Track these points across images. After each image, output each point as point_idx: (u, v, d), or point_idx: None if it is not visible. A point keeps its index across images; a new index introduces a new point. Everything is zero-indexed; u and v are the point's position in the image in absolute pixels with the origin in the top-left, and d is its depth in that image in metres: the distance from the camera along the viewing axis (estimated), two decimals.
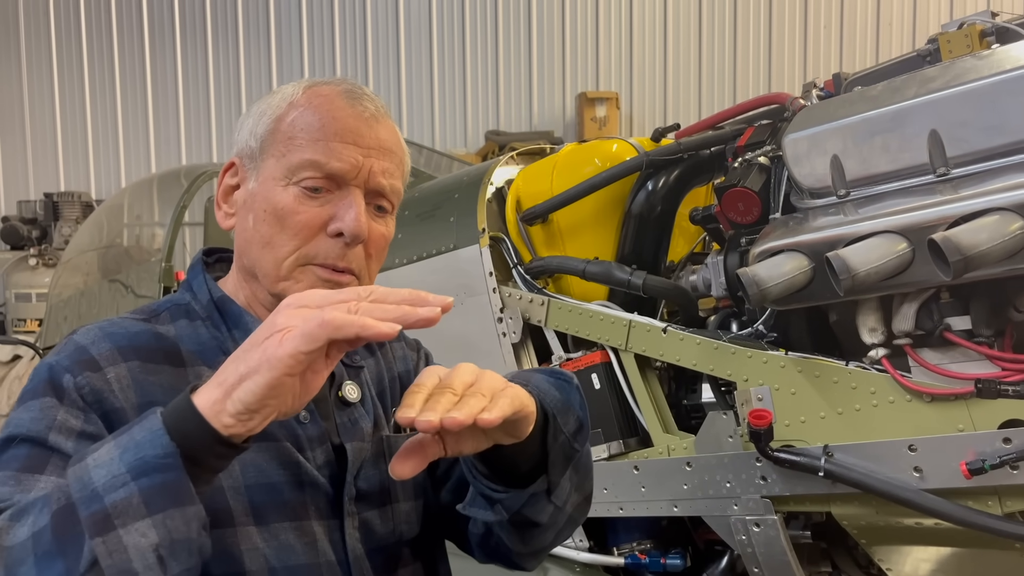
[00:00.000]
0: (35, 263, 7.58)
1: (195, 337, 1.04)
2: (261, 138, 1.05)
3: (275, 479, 1.01)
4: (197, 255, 1.15)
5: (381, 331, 0.74)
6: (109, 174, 9.07)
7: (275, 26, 9.19)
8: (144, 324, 1.04)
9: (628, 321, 1.90)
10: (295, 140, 1.02)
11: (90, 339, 0.99)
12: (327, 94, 1.05)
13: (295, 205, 1.02)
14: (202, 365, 1.02)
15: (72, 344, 0.99)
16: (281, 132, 1.04)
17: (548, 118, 9.39)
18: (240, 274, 1.09)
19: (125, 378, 0.96)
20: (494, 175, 2.24)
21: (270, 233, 1.03)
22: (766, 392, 1.66)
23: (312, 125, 1.02)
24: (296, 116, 1.04)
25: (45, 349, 4.32)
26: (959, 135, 1.45)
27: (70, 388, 0.94)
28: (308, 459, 1.03)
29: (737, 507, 1.74)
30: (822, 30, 9.79)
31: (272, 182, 1.03)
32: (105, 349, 0.98)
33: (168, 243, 3.61)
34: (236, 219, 1.08)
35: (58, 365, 0.96)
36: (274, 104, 1.06)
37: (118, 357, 0.97)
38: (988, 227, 1.32)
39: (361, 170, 1.02)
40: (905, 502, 1.50)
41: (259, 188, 1.04)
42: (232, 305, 1.07)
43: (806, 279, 1.54)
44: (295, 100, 1.05)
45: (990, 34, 1.66)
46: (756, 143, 1.87)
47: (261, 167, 1.05)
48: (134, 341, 1.00)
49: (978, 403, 1.44)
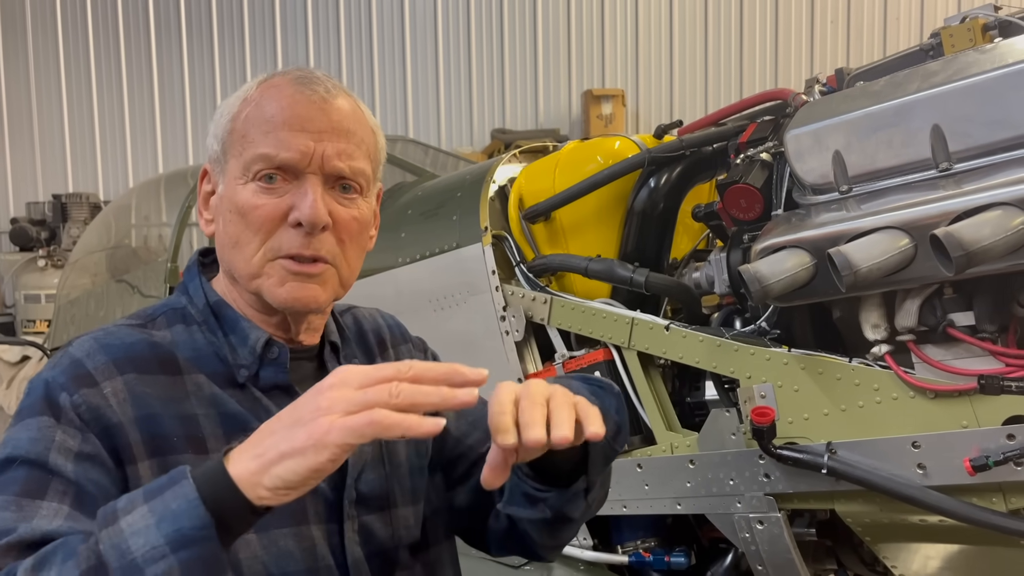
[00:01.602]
0: (44, 264, 7.62)
1: (191, 343, 1.04)
2: (222, 140, 1.05)
3: None
4: (193, 256, 1.15)
5: (426, 431, 0.77)
6: (117, 175, 9.11)
7: (280, 26, 9.20)
8: (140, 332, 1.03)
9: (631, 319, 1.90)
10: (248, 136, 1.02)
11: (85, 351, 0.98)
12: (278, 84, 1.04)
13: (254, 200, 1.01)
14: (199, 372, 1.02)
15: (68, 358, 0.98)
16: (236, 131, 1.03)
17: (554, 116, 9.38)
18: (227, 278, 1.09)
19: (122, 392, 0.96)
20: (496, 173, 2.24)
21: (236, 232, 1.03)
22: (769, 389, 1.65)
23: (262, 118, 1.02)
24: (249, 112, 1.03)
25: (53, 350, 4.35)
26: (962, 130, 1.44)
27: (67, 407, 0.93)
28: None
29: (740, 505, 1.73)
30: (829, 26, 9.75)
31: (234, 182, 1.03)
32: (101, 362, 0.97)
33: (174, 243, 3.62)
34: (214, 225, 1.08)
35: (54, 382, 0.95)
36: (231, 104, 1.06)
37: (114, 370, 0.97)
38: (991, 222, 1.32)
39: (313, 156, 1.00)
40: (909, 499, 1.49)
41: (225, 191, 1.05)
42: (227, 310, 1.07)
43: (808, 275, 1.53)
44: (248, 96, 1.05)
45: (993, 28, 1.65)
46: (758, 139, 1.86)
47: (226, 169, 1.05)
48: (130, 352, 1.00)
49: (982, 399, 1.43)
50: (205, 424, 0.99)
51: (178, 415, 0.98)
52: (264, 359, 1.04)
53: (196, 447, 0.98)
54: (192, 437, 0.98)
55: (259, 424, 0.97)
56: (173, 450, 0.96)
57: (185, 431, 0.98)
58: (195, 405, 1.00)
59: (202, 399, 1.01)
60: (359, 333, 1.22)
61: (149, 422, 0.96)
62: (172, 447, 0.96)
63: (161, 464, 0.95)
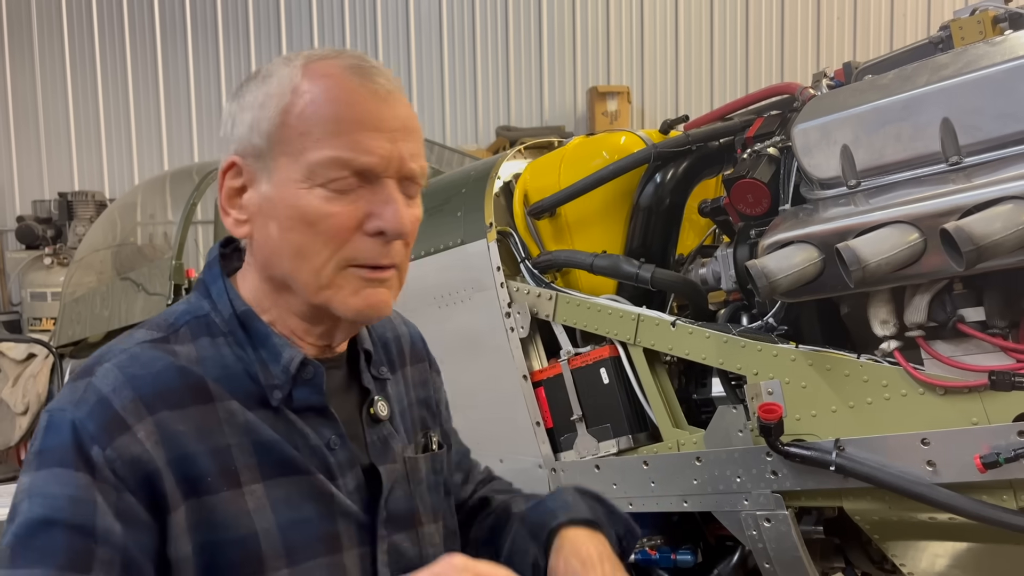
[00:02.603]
0: (50, 262, 7.63)
1: (218, 359, 0.96)
2: (267, 134, 0.94)
3: (307, 513, 0.96)
4: (214, 252, 1.05)
5: None
6: (123, 173, 9.12)
7: (286, 23, 9.20)
8: (164, 352, 0.94)
9: (637, 315, 1.89)
10: (311, 135, 0.92)
11: (111, 386, 0.90)
12: (332, 73, 0.94)
13: (326, 208, 0.92)
14: (230, 398, 0.95)
15: (93, 394, 0.90)
16: (291, 127, 0.93)
17: (559, 113, 9.36)
18: (266, 285, 1.00)
19: (154, 434, 0.90)
20: (501, 169, 2.23)
21: (301, 241, 0.93)
22: (776, 386, 1.64)
23: (327, 115, 0.92)
24: (305, 105, 0.92)
25: (58, 348, 4.35)
26: (972, 123, 1.42)
27: (102, 464, 0.87)
28: (340, 487, 0.99)
29: (748, 502, 1.72)
30: (835, 22, 9.70)
31: (291, 185, 0.93)
32: (128, 400, 0.90)
33: (178, 240, 3.62)
34: (251, 227, 0.97)
35: (83, 429, 0.87)
36: (273, 92, 0.95)
37: (143, 410, 0.90)
38: (1002, 216, 1.30)
39: (392, 159, 0.93)
40: (918, 496, 1.48)
41: (277, 192, 0.94)
42: (256, 322, 0.99)
43: (816, 271, 1.52)
44: (297, 85, 0.94)
45: (1003, 20, 1.63)
46: (765, 134, 1.85)
47: (273, 167, 0.94)
48: (158, 384, 0.92)
49: (992, 396, 1.42)
50: (238, 455, 0.94)
51: (211, 450, 0.92)
52: (297, 379, 0.98)
53: (230, 482, 0.93)
54: (226, 471, 0.93)
55: (294, 452, 0.96)
56: (207, 491, 0.91)
57: (218, 467, 0.92)
58: (228, 434, 0.93)
59: (235, 427, 0.94)
60: (383, 340, 1.16)
61: (183, 464, 0.90)
62: (207, 488, 0.91)
63: (195, 507, 0.91)
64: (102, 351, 0.97)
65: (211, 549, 0.91)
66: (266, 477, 0.94)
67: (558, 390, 2.02)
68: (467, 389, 2.26)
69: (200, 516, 0.90)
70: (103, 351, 0.97)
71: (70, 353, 4.34)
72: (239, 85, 1.00)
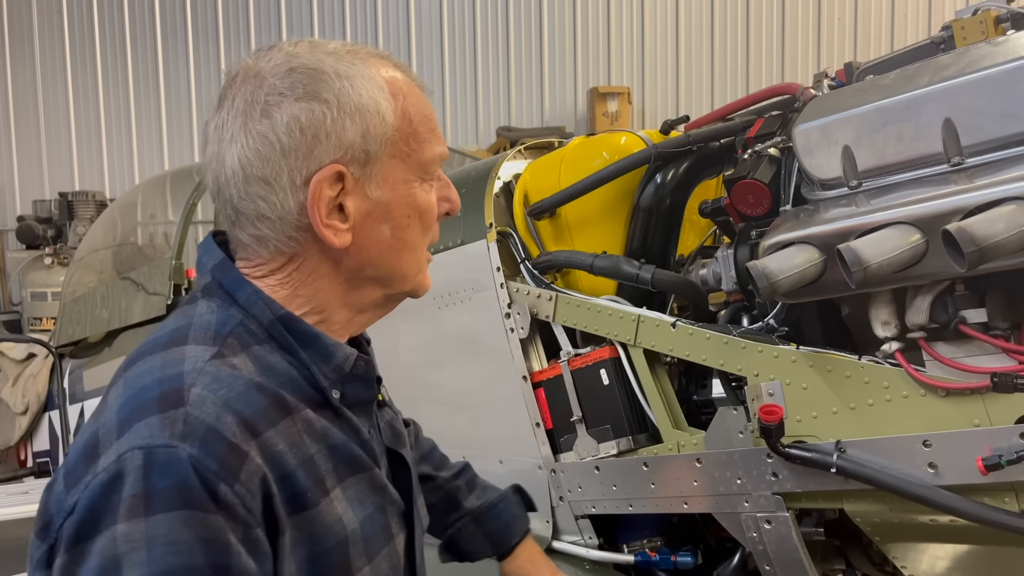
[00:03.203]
0: (50, 262, 7.64)
1: (274, 370, 0.94)
2: (382, 138, 0.95)
3: (372, 508, 0.99)
4: (219, 254, 1.01)
5: None
6: (123, 173, 9.13)
7: (286, 24, 9.20)
8: (233, 370, 0.91)
9: (637, 316, 1.88)
10: (419, 135, 0.98)
11: (212, 414, 0.86)
12: (400, 73, 1.01)
13: (431, 200, 1.01)
14: (305, 407, 0.94)
15: (200, 426, 0.85)
16: (402, 129, 0.97)
17: (560, 113, 9.37)
18: (342, 286, 1.00)
19: (263, 457, 0.88)
20: (501, 169, 2.22)
21: (413, 236, 1.00)
22: (777, 387, 1.63)
23: (422, 114, 1.00)
24: (410, 107, 0.98)
25: (58, 348, 4.34)
26: (974, 123, 1.41)
27: (233, 502, 0.83)
28: (385, 477, 1.03)
29: (748, 504, 1.71)
30: (836, 23, 9.70)
31: (405, 185, 0.98)
32: (233, 425, 0.86)
33: (178, 240, 3.62)
34: (354, 234, 0.96)
35: (204, 467, 0.82)
36: (378, 98, 0.96)
37: (248, 434, 0.87)
38: (1004, 217, 1.29)
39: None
40: (919, 499, 1.47)
41: (391, 194, 0.97)
42: (301, 324, 0.97)
43: (817, 272, 1.51)
44: (394, 89, 0.98)
45: (1005, 20, 1.63)
46: (766, 134, 1.84)
47: (378, 172, 0.96)
48: (249, 405, 0.89)
49: (994, 397, 1.41)
50: (321, 463, 0.94)
51: (302, 462, 0.92)
52: (348, 376, 0.99)
53: (321, 490, 0.93)
54: (316, 481, 0.93)
55: (358, 450, 0.98)
56: (307, 505, 0.91)
57: (311, 478, 0.92)
58: (309, 444, 0.93)
59: (313, 435, 0.94)
60: None
61: (287, 482, 0.89)
62: (307, 502, 0.91)
63: (297, 523, 0.90)
64: (154, 371, 0.90)
65: (313, 562, 0.91)
66: (342, 479, 0.96)
67: (558, 391, 2.02)
68: (467, 390, 2.26)
69: (302, 532, 0.90)
70: (160, 371, 0.90)
71: (70, 353, 4.33)
72: (302, 89, 0.94)
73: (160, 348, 0.93)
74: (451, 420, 2.26)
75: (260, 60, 0.97)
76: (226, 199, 0.97)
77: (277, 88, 0.94)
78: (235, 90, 0.96)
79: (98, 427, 0.87)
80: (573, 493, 2.02)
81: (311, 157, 0.93)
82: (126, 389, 0.90)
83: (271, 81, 0.94)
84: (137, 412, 0.86)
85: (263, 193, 0.94)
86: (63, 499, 0.84)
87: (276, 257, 0.98)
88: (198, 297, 1.00)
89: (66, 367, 4.28)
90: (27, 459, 4.66)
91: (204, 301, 0.98)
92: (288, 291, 0.98)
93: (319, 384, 0.97)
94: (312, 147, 0.93)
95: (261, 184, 0.94)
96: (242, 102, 0.95)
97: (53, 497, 0.86)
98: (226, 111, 0.96)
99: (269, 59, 0.96)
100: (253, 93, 0.94)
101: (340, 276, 0.99)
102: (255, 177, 0.94)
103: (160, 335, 0.96)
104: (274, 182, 0.93)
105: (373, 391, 1.03)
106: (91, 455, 0.85)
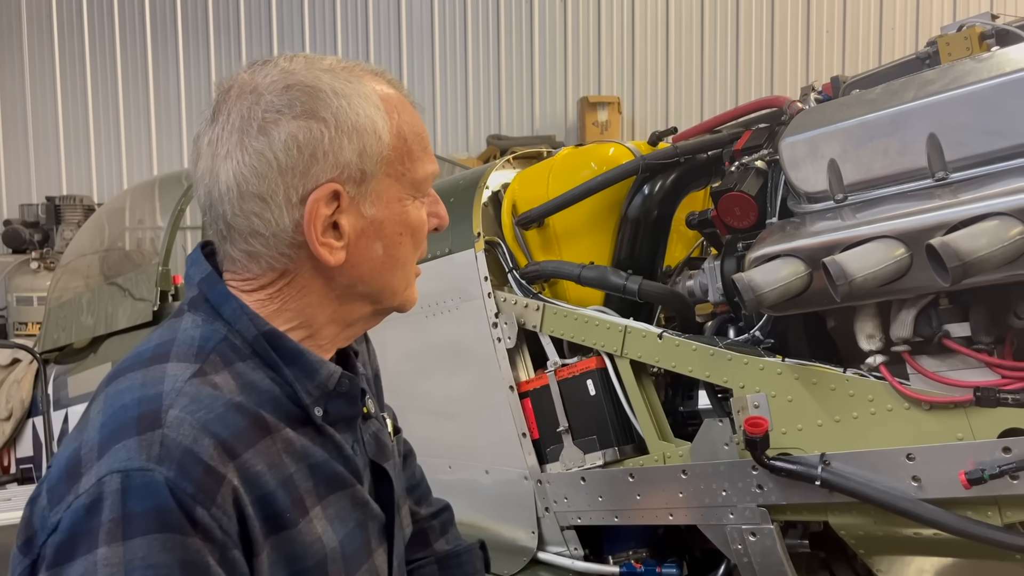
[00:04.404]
0: (37, 267, 7.59)
1: (255, 387, 0.94)
2: (378, 157, 0.96)
3: (352, 525, 0.99)
4: (206, 268, 1.00)
5: None
6: (111, 177, 9.08)
7: (277, 31, 9.20)
8: (212, 389, 0.91)
9: (624, 327, 1.88)
10: (412, 154, 0.99)
11: (189, 436, 0.86)
12: (393, 94, 1.00)
13: (423, 216, 1.02)
14: (285, 427, 0.94)
15: (176, 448, 0.85)
16: (398, 149, 0.97)
17: (550, 122, 9.39)
18: (333, 303, 1.00)
19: (240, 479, 0.88)
20: (490, 179, 2.22)
21: (405, 252, 1.01)
22: (762, 399, 1.64)
23: (415, 132, 1.00)
24: (404, 125, 0.99)
25: (43, 353, 4.31)
26: (958, 139, 1.42)
27: (211, 525, 0.83)
28: (366, 491, 1.03)
29: (733, 516, 1.71)
30: (824, 35, 9.77)
31: (398, 203, 0.98)
32: (210, 447, 0.86)
33: (165, 246, 3.60)
34: (348, 252, 0.97)
35: (181, 490, 0.83)
36: (375, 117, 0.96)
37: (225, 456, 0.87)
38: (987, 232, 1.30)
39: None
40: (903, 512, 1.47)
41: (385, 212, 0.97)
42: (284, 340, 0.97)
43: (803, 285, 1.51)
44: (389, 107, 0.98)
45: (990, 36, 1.64)
46: (753, 147, 1.85)
47: (373, 190, 0.96)
48: (228, 427, 0.89)
49: (977, 411, 1.42)
50: (300, 481, 0.94)
51: (281, 483, 0.92)
52: (332, 392, 0.99)
53: (300, 510, 0.93)
54: (296, 501, 0.93)
55: (339, 467, 0.98)
56: (286, 525, 0.91)
57: (290, 498, 0.92)
58: (288, 463, 0.93)
59: (293, 454, 0.94)
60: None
61: (264, 504, 0.90)
62: (285, 522, 0.91)
63: (275, 544, 0.90)
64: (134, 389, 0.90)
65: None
66: (322, 497, 0.96)
67: (544, 401, 2.01)
68: (453, 399, 2.25)
69: (281, 552, 0.90)
70: (140, 391, 0.90)
71: (55, 359, 4.30)
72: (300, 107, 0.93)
73: (142, 365, 0.93)
74: (438, 429, 2.25)
75: (256, 75, 0.96)
76: (219, 214, 0.96)
77: (274, 105, 0.93)
78: (230, 105, 0.95)
79: (80, 444, 0.87)
80: (559, 504, 2.01)
81: (308, 175, 0.93)
82: (107, 406, 0.90)
83: (268, 98, 0.93)
84: (116, 433, 0.86)
85: (258, 210, 0.93)
86: (46, 516, 0.84)
87: (267, 273, 0.98)
88: (185, 310, 0.99)
89: (51, 373, 4.24)
90: (10, 465, 4.62)
91: (190, 315, 0.98)
92: (276, 306, 0.98)
93: (302, 402, 0.96)
94: (309, 165, 0.93)
95: (256, 201, 0.93)
96: (238, 118, 0.94)
97: (37, 512, 0.86)
98: (220, 126, 0.94)
99: (265, 74, 0.95)
100: (250, 109, 0.93)
101: (331, 292, 0.99)
102: (250, 194, 0.93)
103: (144, 349, 0.96)
104: (270, 199, 0.93)
105: (357, 408, 1.03)
106: (74, 474, 0.85)
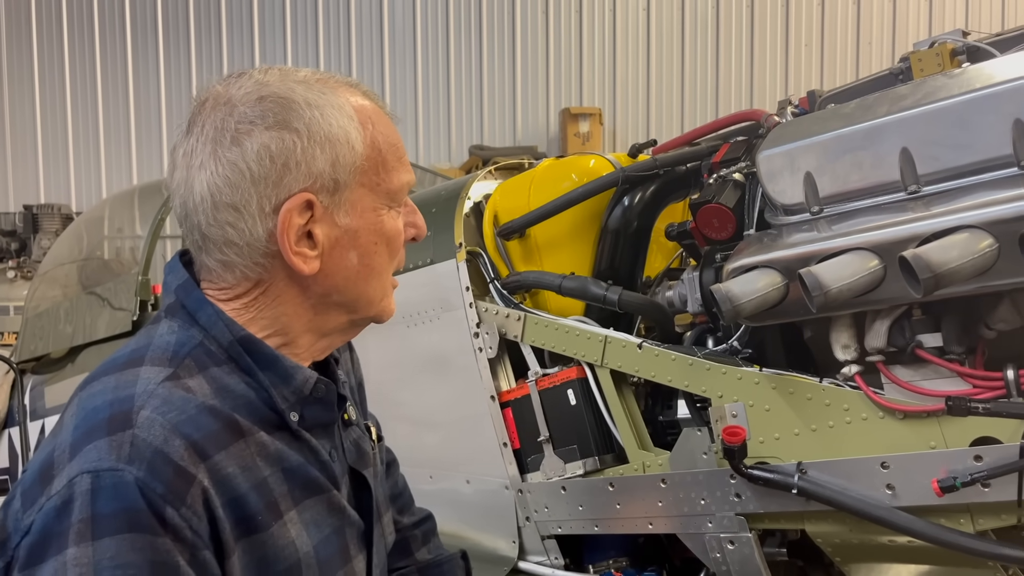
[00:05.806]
0: (13, 276, 7.51)
1: (230, 392, 0.95)
2: (351, 167, 0.96)
3: (329, 531, 0.99)
4: (183, 275, 1.01)
5: None
6: (90, 186, 9.01)
7: (259, 41, 9.18)
8: (185, 392, 0.91)
9: (604, 337, 1.90)
10: (387, 164, 0.99)
11: (159, 436, 0.86)
12: (368, 106, 1.00)
13: (398, 226, 1.02)
14: (259, 430, 0.94)
15: (147, 448, 0.85)
16: (372, 158, 0.98)
17: (532, 133, 9.43)
18: (308, 312, 1.00)
19: (211, 480, 0.88)
20: (472, 189, 2.23)
21: (380, 262, 1.01)
22: (740, 408, 1.65)
23: (390, 142, 1.01)
24: (378, 135, 0.99)
25: (20, 363, 4.26)
26: (930, 153, 1.45)
27: (180, 526, 0.84)
28: (344, 497, 1.03)
29: (712, 524, 1.73)
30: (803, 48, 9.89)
31: (373, 213, 0.98)
32: (181, 448, 0.87)
33: (145, 255, 3.58)
34: (322, 260, 0.97)
35: (151, 490, 0.83)
36: (348, 127, 0.97)
37: (196, 457, 0.88)
38: (958, 245, 1.33)
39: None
40: (877, 520, 1.50)
41: (360, 222, 0.98)
42: (260, 345, 0.97)
43: (779, 296, 1.54)
44: (363, 118, 0.98)
45: (961, 53, 1.68)
46: (731, 159, 1.87)
47: (347, 200, 0.97)
48: (200, 429, 0.89)
49: (950, 420, 1.44)
50: (274, 485, 0.94)
51: (254, 486, 0.92)
52: (308, 398, 0.99)
53: (274, 514, 0.93)
54: (269, 504, 0.93)
55: (315, 472, 0.98)
56: (257, 528, 0.91)
57: (264, 501, 0.92)
58: (262, 467, 0.93)
59: (267, 458, 0.94)
60: None
61: (235, 506, 0.90)
62: (257, 525, 0.91)
63: (247, 547, 0.90)
64: (106, 392, 0.90)
65: None
66: (297, 502, 0.96)
67: (525, 411, 2.02)
68: (434, 409, 2.25)
69: (252, 555, 0.91)
70: (112, 393, 0.90)
71: (32, 369, 4.25)
72: (272, 118, 0.94)
73: (116, 369, 0.94)
74: (419, 439, 2.25)
75: (230, 87, 0.97)
76: (194, 225, 0.97)
77: (247, 116, 0.94)
78: (204, 116, 0.96)
79: (54, 447, 0.88)
80: (539, 513, 2.02)
81: (280, 185, 0.94)
82: (80, 410, 0.91)
83: (241, 109, 0.94)
84: (87, 435, 0.87)
85: (232, 220, 0.94)
86: (20, 518, 0.85)
87: (242, 282, 0.98)
88: (162, 317, 1.00)
89: (27, 383, 4.20)
90: None
91: (166, 321, 0.99)
92: (252, 315, 0.99)
93: (277, 407, 0.97)
94: (282, 175, 0.94)
95: (230, 211, 0.94)
96: (212, 129, 0.94)
97: (11, 515, 0.87)
98: (195, 137, 0.96)
99: (239, 86, 0.96)
100: (223, 120, 0.94)
101: (306, 301, 1.00)
102: (224, 204, 0.94)
103: (119, 355, 0.97)
104: (243, 209, 0.94)
105: (333, 414, 1.03)
106: (46, 476, 0.86)
